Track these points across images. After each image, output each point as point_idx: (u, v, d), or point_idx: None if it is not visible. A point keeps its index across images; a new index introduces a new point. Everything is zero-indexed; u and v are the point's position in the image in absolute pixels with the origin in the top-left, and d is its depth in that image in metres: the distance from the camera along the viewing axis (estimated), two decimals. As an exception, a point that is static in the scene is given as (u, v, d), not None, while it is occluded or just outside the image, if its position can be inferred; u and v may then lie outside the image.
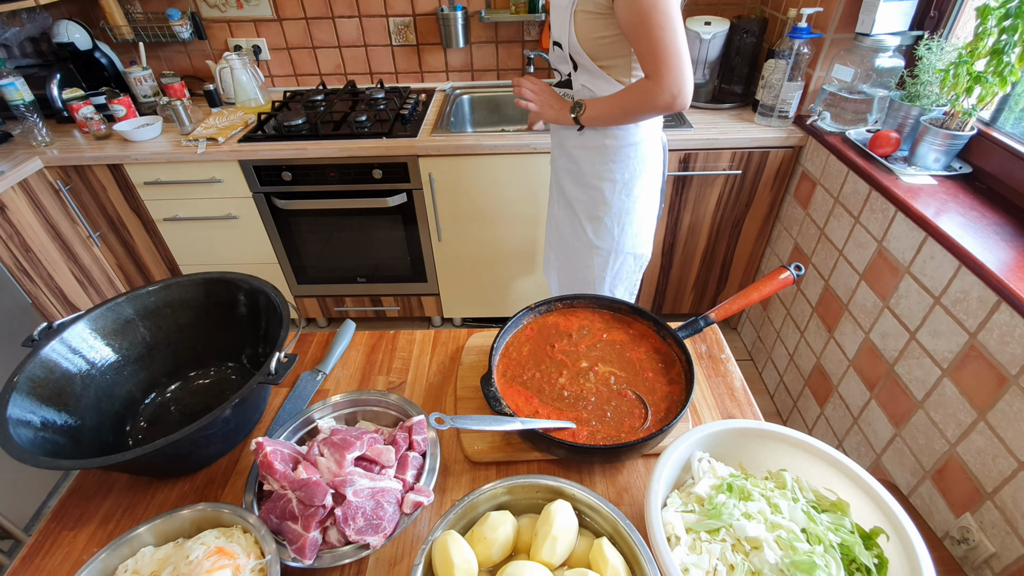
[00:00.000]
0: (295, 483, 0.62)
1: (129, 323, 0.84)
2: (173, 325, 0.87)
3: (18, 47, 2.10)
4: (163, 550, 0.60)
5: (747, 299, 0.83)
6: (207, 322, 0.88)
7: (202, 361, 0.90)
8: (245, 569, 0.56)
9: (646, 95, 1.08)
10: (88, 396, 0.77)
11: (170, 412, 0.84)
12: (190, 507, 0.62)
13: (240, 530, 0.61)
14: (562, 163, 1.36)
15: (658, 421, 0.72)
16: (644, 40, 1.02)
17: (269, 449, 0.64)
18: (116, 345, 0.82)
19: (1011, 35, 1.14)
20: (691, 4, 2.09)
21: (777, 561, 0.54)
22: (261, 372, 0.69)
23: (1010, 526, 1.05)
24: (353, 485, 0.62)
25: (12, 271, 1.72)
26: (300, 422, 0.73)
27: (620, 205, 1.30)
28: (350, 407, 0.77)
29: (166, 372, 0.87)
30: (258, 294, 0.84)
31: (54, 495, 1.78)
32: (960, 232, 1.18)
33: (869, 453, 1.48)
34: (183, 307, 0.87)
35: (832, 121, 1.68)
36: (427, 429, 0.71)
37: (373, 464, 0.67)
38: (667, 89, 1.04)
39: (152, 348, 0.86)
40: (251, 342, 0.87)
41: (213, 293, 0.87)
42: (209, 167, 1.85)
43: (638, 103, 1.10)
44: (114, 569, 0.59)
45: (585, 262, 1.42)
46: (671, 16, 0.99)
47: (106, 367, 0.81)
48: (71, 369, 0.76)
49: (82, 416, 0.75)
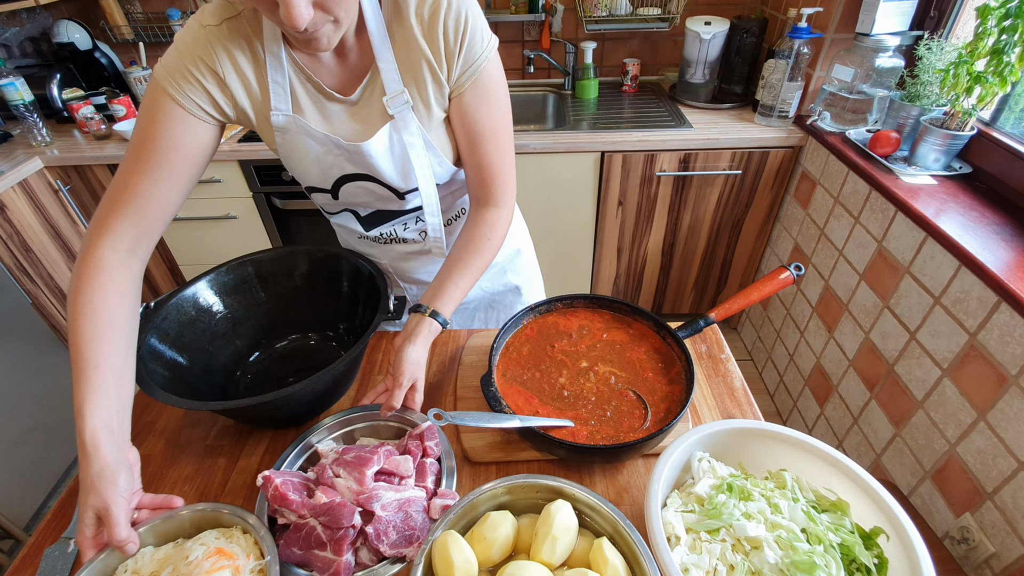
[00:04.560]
0: (317, 509, 0.60)
1: (247, 282, 0.91)
2: (286, 289, 0.94)
3: (18, 47, 2.10)
4: (163, 550, 0.60)
5: (747, 299, 0.83)
6: (313, 291, 0.94)
7: (299, 327, 0.97)
8: (244, 570, 0.56)
9: (501, 233, 0.86)
10: (201, 345, 0.85)
11: (274, 368, 0.92)
12: (189, 507, 0.62)
13: (240, 531, 0.61)
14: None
15: (658, 421, 0.72)
16: (494, 151, 0.82)
17: (279, 481, 0.62)
18: (232, 301, 0.90)
19: (1011, 35, 1.14)
20: (691, 4, 2.09)
21: (777, 561, 0.54)
22: (381, 311, 0.77)
23: (1010, 526, 1.05)
24: (380, 500, 0.60)
25: (12, 271, 1.72)
26: (299, 449, 0.71)
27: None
28: (345, 427, 0.75)
29: (266, 334, 0.94)
30: (360, 272, 0.89)
31: (54, 495, 1.78)
32: (960, 232, 1.18)
33: (869, 453, 1.48)
34: (293, 274, 0.94)
35: (832, 121, 1.68)
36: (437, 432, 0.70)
37: (392, 476, 0.66)
38: (511, 208, 0.88)
39: (260, 308, 0.93)
40: (347, 316, 0.93)
41: (323, 265, 0.93)
42: (209, 167, 1.83)
43: (495, 249, 0.86)
44: (114, 569, 0.59)
45: None
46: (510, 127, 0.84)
47: (222, 319, 0.89)
48: (194, 314, 0.85)
49: (192, 363, 0.82)
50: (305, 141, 0.78)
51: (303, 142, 0.78)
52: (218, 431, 0.81)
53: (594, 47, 2.09)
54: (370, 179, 0.82)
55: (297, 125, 0.76)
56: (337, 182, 0.83)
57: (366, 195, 0.85)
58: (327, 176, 0.82)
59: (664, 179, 1.87)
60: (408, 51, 0.73)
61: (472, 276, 0.84)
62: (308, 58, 0.74)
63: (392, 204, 0.88)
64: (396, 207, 0.89)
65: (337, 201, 0.87)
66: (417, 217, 0.93)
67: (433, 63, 0.74)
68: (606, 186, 1.88)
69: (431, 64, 0.74)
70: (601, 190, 1.90)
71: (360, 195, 0.85)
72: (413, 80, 0.75)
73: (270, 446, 0.78)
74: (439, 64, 0.74)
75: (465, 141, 0.82)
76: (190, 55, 0.70)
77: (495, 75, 0.78)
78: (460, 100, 0.78)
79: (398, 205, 0.88)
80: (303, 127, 0.76)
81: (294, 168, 0.83)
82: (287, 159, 0.82)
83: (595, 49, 2.11)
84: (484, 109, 0.79)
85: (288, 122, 0.76)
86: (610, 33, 2.19)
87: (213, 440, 0.80)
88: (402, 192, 0.84)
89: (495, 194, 0.86)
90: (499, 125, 0.82)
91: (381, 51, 0.73)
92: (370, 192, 0.84)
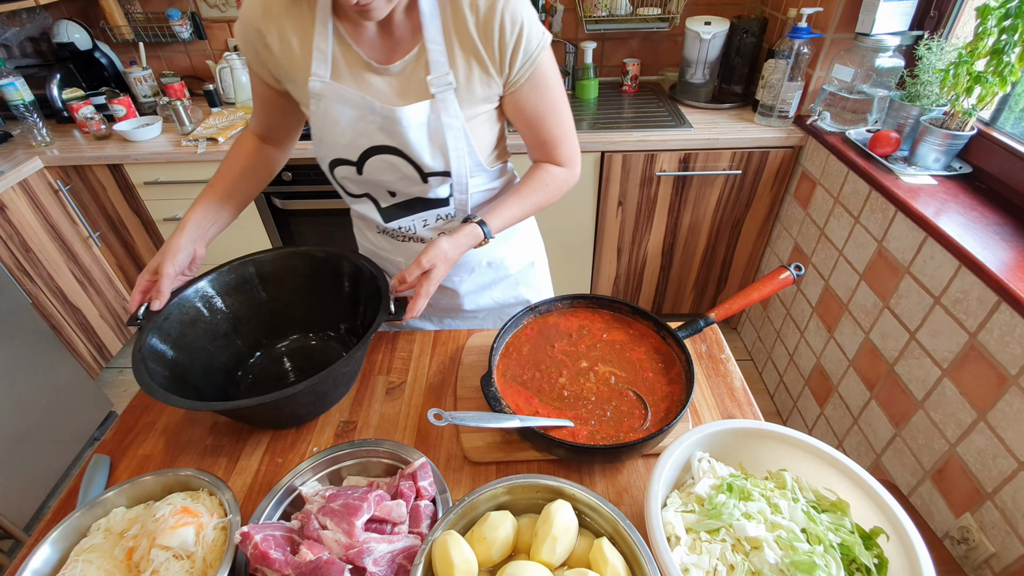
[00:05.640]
0: (303, 569, 0.54)
1: (248, 282, 0.92)
2: (287, 289, 0.94)
3: (18, 47, 2.10)
4: (134, 511, 0.64)
5: (747, 299, 0.83)
6: (314, 291, 0.94)
7: (300, 327, 0.97)
8: (208, 527, 0.60)
9: (564, 185, 0.92)
10: (202, 344, 0.85)
11: (275, 368, 0.92)
12: (157, 472, 0.67)
13: (207, 493, 0.65)
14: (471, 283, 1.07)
15: (658, 421, 0.72)
16: (555, 127, 0.87)
17: (259, 537, 0.56)
18: (233, 301, 0.91)
19: (1011, 35, 1.14)
20: (691, 4, 2.09)
21: (777, 561, 0.54)
22: (382, 311, 0.77)
23: (1010, 526, 1.05)
24: (372, 554, 0.55)
25: (12, 271, 1.72)
26: (281, 494, 0.65)
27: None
28: (331, 465, 0.69)
29: (267, 334, 0.95)
30: (361, 272, 0.88)
31: (54, 495, 1.78)
32: (960, 232, 1.18)
33: (869, 453, 1.48)
34: (294, 274, 0.94)
35: (832, 121, 1.68)
36: (430, 473, 0.66)
37: (384, 523, 0.60)
38: (577, 172, 0.94)
39: (261, 308, 0.93)
40: (348, 317, 0.93)
41: (324, 265, 0.93)
42: (209, 167, 1.85)
43: (553, 195, 0.92)
44: (88, 527, 0.63)
45: None
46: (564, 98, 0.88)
47: (224, 319, 0.90)
48: (196, 314, 0.86)
49: (192, 362, 0.82)
50: (338, 109, 0.79)
51: (336, 109, 0.80)
52: (218, 431, 0.81)
53: (594, 47, 2.09)
54: (397, 153, 0.83)
55: (333, 91, 0.78)
56: (364, 154, 0.84)
57: (390, 172, 0.85)
58: (355, 146, 0.83)
59: (664, 179, 1.87)
60: (458, 38, 0.76)
61: (525, 207, 0.89)
62: (352, 29, 0.77)
63: (414, 187, 0.88)
64: (418, 191, 0.89)
65: (360, 177, 0.87)
66: (437, 215, 0.93)
67: (484, 57, 0.77)
68: (606, 186, 1.88)
69: (481, 58, 0.77)
70: (601, 190, 1.90)
71: (384, 171, 0.85)
72: (459, 66, 0.77)
73: (270, 446, 0.78)
74: (491, 59, 0.77)
75: (524, 125, 0.87)
76: (247, 21, 0.78)
77: (548, 64, 0.81)
78: (516, 94, 0.82)
79: (420, 190, 0.88)
80: (339, 93, 0.78)
81: (324, 138, 0.84)
82: (318, 129, 0.83)
83: (595, 49, 2.11)
84: (542, 95, 0.83)
85: (324, 88, 0.78)
86: (610, 33, 2.18)
87: (213, 440, 0.80)
88: (426, 172, 0.85)
89: (558, 159, 0.91)
90: (557, 104, 0.85)
91: (431, 31, 0.75)
92: (395, 169, 0.85)
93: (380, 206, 0.93)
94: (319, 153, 0.87)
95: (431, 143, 0.81)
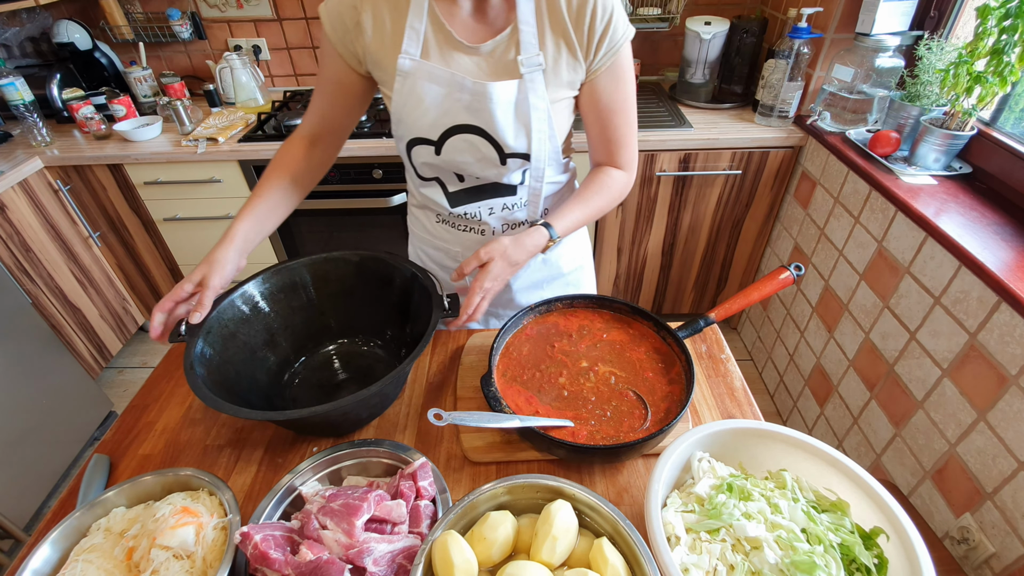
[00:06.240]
0: (303, 569, 0.55)
1: (297, 284, 0.91)
2: (336, 293, 0.93)
3: (18, 47, 2.10)
4: (134, 511, 0.64)
5: (747, 299, 0.83)
6: (362, 296, 0.93)
7: (348, 333, 0.96)
8: (208, 526, 0.60)
9: (624, 190, 0.93)
10: (244, 355, 0.83)
11: (317, 376, 0.91)
12: (157, 472, 0.66)
13: (207, 493, 0.65)
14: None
15: (658, 421, 0.72)
16: (623, 124, 0.88)
17: (259, 537, 0.56)
18: (282, 302, 0.89)
19: (1011, 35, 1.14)
20: (691, 4, 2.09)
21: (777, 561, 0.54)
22: (436, 307, 0.76)
23: (1010, 526, 1.05)
24: (372, 554, 0.56)
25: (12, 271, 1.72)
26: (281, 494, 0.65)
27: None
28: (331, 465, 0.69)
29: (312, 339, 0.93)
30: (415, 279, 0.87)
31: (54, 495, 1.78)
32: (960, 232, 1.18)
33: (869, 453, 1.48)
34: (344, 279, 0.92)
35: (832, 121, 1.68)
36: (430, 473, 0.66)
37: (384, 523, 0.61)
38: (634, 177, 0.94)
39: (307, 312, 0.92)
40: (397, 322, 0.91)
41: (374, 271, 0.92)
42: (209, 167, 1.85)
43: (614, 200, 0.92)
44: (88, 527, 0.63)
45: None
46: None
47: (269, 323, 0.88)
48: (244, 318, 0.85)
49: (239, 374, 0.81)
50: (425, 86, 0.80)
51: (423, 87, 0.80)
52: (218, 431, 0.81)
53: (594, 47, 2.09)
54: (480, 133, 0.83)
55: (423, 69, 0.79)
56: (445, 133, 0.84)
57: (470, 152, 0.86)
58: (438, 124, 0.83)
59: (664, 179, 1.87)
60: (550, 20, 0.78)
61: (588, 210, 0.90)
62: (446, 8, 0.79)
63: (491, 170, 0.88)
64: (494, 175, 0.89)
65: (437, 158, 0.88)
66: (503, 203, 0.94)
67: (574, 40, 0.79)
68: (606, 186, 1.88)
69: (571, 41, 0.79)
70: (601, 190, 1.90)
71: (464, 152, 0.86)
72: (548, 48, 0.79)
73: (270, 446, 0.78)
74: (580, 43, 0.79)
75: (595, 118, 0.88)
76: (342, 1, 0.79)
77: (628, 58, 0.84)
78: (594, 83, 0.84)
79: (496, 173, 0.89)
80: (429, 71, 0.79)
81: (406, 117, 0.84)
82: (401, 107, 0.83)
83: (595, 49, 2.11)
84: (618, 88, 0.85)
85: (414, 67, 0.79)
86: (610, 33, 2.18)
87: (213, 440, 0.80)
88: (507, 154, 0.85)
89: (619, 162, 0.92)
90: (629, 100, 0.87)
91: (524, 12, 0.77)
92: (474, 149, 0.85)
93: (448, 190, 0.94)
94: (397, 132, 0.88)
95: (516, 122, 0.82)
